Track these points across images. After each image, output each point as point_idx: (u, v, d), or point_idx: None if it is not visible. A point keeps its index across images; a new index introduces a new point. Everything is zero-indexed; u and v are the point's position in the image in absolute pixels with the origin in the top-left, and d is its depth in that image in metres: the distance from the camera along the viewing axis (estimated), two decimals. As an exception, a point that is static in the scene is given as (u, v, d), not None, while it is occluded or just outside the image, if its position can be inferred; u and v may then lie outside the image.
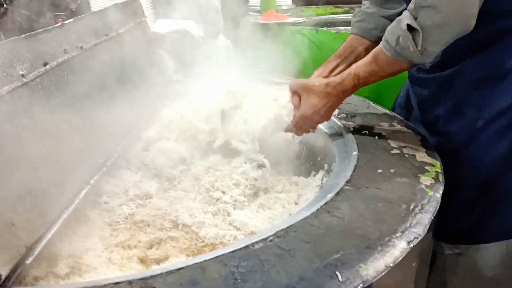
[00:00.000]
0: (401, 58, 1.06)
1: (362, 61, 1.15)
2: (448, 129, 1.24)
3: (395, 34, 1.05)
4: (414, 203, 0.91)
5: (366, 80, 1.14)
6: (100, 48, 1.24)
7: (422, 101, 1.34)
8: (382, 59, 1.10)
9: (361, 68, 1.14)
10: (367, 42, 1.32)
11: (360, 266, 0.73)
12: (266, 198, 1.16)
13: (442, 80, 1.24)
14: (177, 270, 0.73)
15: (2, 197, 0.77)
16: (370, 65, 1.12)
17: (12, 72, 0.87)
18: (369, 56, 1.13)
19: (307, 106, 1.20)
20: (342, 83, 1.16)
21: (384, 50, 1.08)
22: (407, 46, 1.03)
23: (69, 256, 0.91)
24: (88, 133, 1.09)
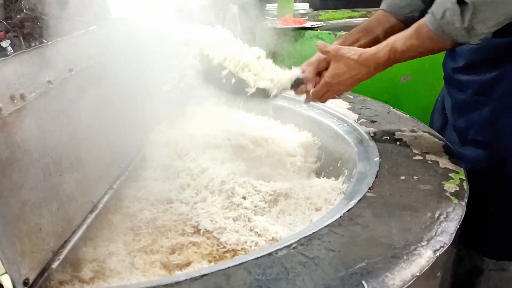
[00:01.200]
0: (444, 34, 0.99)
1: (402, 33, 1.07)
2: (484, 139, 1.17)
3: (442, 7, 0.97)
4: (439, 211, 0.90)
5: (403, 54, 1.07)
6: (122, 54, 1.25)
7: (457, 106, 1.27)
8: (424, 33, 1.02)
9: (400, 41, 1.06)
10: (394, 20, 1.24)
11: (386, 276, 0.72)
12: (287, 204, 1.16)
13: (481, 84, 1.17)
14: (201, 277, 0.73)
15: (29, 202, 0.78)
16: (410, 39, 1.05)
17: (39, 78, 0.88)
18: (411, 28, 1.06)
19: (334, 74, 1.15)
20: (376, 55, 1.09)
21: (428, 23, 1.00)
22: (452, 21, 0.95)
23: (93, 260, 0.92)
24: (110, 138, 1.10)
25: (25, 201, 0.77)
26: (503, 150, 1.15)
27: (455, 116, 1.27)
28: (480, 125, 1.18)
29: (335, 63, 1.14)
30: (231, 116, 1.67)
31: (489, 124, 1.15)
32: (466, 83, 1.20)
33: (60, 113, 0.92)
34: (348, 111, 1.49)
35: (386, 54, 1.08)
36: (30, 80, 0.85)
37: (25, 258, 0.75)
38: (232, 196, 1.13)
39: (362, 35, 1.24)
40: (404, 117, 1.42)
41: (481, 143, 1.17)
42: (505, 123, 1.13)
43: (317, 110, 1.56)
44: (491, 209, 1.17)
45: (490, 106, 1.15)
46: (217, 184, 1.15)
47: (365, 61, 1.10)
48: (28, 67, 0.85)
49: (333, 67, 1.15)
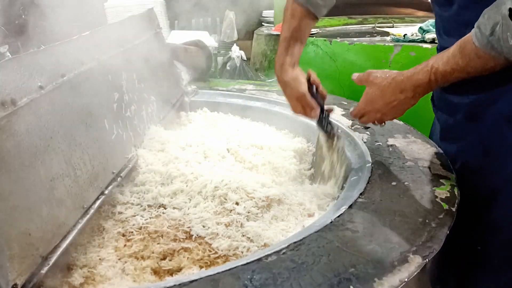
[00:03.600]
0: (494, 52, 0.85)
1: (445, 52, 0.94)
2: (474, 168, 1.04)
3: (491, 20, 0.83)
4: (429, 217, 0.90)
5: (446, 76, 0.93)
6: (117, 59, 1.26)
7: (446, 131, 1.15)
8: (470, 50, 0.88)
9: (442, 60, 0.93)
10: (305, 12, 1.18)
11: (375, 281, 0.72)
12: (279, 209, 1.16)
13: (472, 107, 1.03)
14: (190, 283, 0.73)
15: (19, 207, 0.78)
16: (453, 57, 0.91)
17: (31, 84, 0.88)
18: (454, 46, 0.92)
19: (367, 100, 1.06)
20: (413, 77, 0.96)
21: (475, 39, 0.87)
22: (505, 37, 0.81)
23: (83, 266, 0.92)
24: (103, 143, 1.10)
25: (15, 206, 0.77)
26: (496, 180, 1.02)
27: (444, 142, 1.17)
28: (471, 153, 1.06)
29: (369, 88, 1.06)
30: (225, 122, 1.67)
31: (480, 152, 1.04)
32: (455, 105, 1.09)
33: (51, 118, 0.92)
34: (342, 117, 1.50)
35: (425, 76, 0.95)
36: (21, 86, 0.85)
37: (13, 263, 0.75)
38: (225, 202, 1.13)
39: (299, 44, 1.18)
40: (398, 123, 1.42)
41: (471, 172, 1.06)
42: (498, 151, 1.00)
43: (312, 116, 1.56)
44: (478, 247, 1.05)
45: (481, 132, 1.03)
46: (210, 190, 1.15)
47: (400, 85, 0.98)
48: (19, 73, 0.86)
49: (366, 93, 1.07)
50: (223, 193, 1.14)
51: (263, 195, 1.15)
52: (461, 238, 1.00)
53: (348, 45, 2.18)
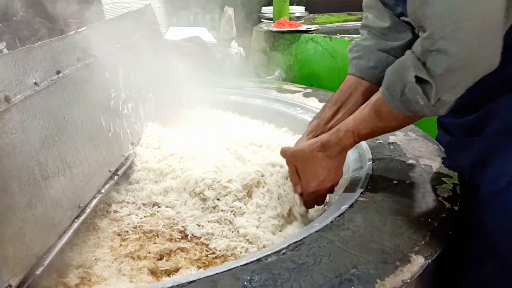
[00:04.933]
0: (408, 111, 0.87)
1: (360, 114, 0.96)
2: (475, 183, 1.00)
3: (399, 84, 0.86)
4: (431, 216, 0.88)
5: (369, 136, 0.98)
6: (113, 56, 1.24)
7: (448, 148, 1.14)
8: (386, 112, 0.90)
9: (361, 124, 0.95)
10: (367, 84, 1.10)
11: (377, 282, 0.71)
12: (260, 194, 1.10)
13: (469, 127, 1.03)
14: (188, 283, 0.71)
15: (13, 206, 0.76)
16: (371, 120, 0.94)
17: (26, 80, 0.87)
18: (368, 108, 0.94)
19: (309, 179, 1.03)
20: (340, 142, 0.98)
21: (387, 101, 0.89)
22: (415, 99, 0.84)
23: (79, 266, 0.91)
24: (99, 141, 1.08)
25: (9, 206, 0.75)
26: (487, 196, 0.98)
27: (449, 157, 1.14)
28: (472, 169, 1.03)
29: (303, 167, 1.03)
30: (224, 119, 1.65)
31: (480, 167, 1.00)
32: (453, 126, 1.09)
33: (46, 116, 0.90)
34: (342, 114, 1.48)
35: (350, 139, 0.98)
36: (15, 82, 0.84)
37: (7, 263, 0.74)
38: (205, 200, 1.09)
39: (336, 109, 1.10)
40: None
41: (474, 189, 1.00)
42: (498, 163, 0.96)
43: (312, 114, 1.55)
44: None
45: (482, 146, 1.00)
46: (192, 186, 1.11)
47: (332, 152, 1.00)
48: (13, 69, 0.84)
49: (303, 172, 1.03)
50: (201, 190, 1.10)
51: (239, 184, 1.10)
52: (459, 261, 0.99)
53: (348, 41, 2.16)
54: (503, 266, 0.95)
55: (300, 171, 1.04)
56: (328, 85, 2.11)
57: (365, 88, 1.09)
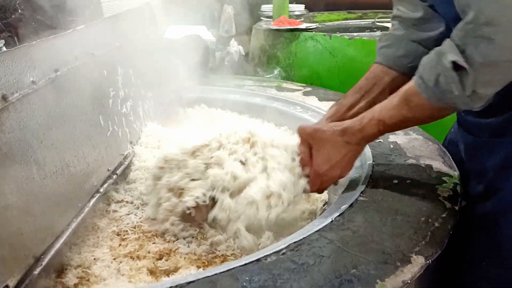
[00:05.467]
0: (440, 102, 0.83)
1: (389, 102, 0.90)
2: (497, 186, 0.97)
3: (433, 72, 0.81)
4: (432, 216, 0.88)
5: (394, 127, 0.92)
6: (112, 54, 1.23)
7: (469, 149, 1.07)
8: (416, 102, 0.85)
9: (387, 113, 0.90)
10: (394, 73, 1.06)
11: (377, 282, 0.70)
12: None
13: (496, 127, 0.97)
14: (187, 284, 0.71)
15: (10, 206, 0.76)
16: (399, 109, 0.88)
17: (23, 79, 0.86)
18: (398, 97, 0.89)
19: (321, 161, 0.98)
20: (363, 130, 0.93)
21: (419, 90, 0.84)
22: (450, 89, 0.79)
23: (78, 266, 0.90)
24: (98, 140, 1.07)
25: (6, 206, 0.75)
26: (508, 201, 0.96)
27: (468, 161, 1.08)
28: (496, 172, 0.98)
29: (318, 147, 0.98)
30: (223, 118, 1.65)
31: (504, 168, 0.96)
32: (478, 127, 1.02)
33: (44, 114, 0.89)
34: (342, 113, 1.47)
35: (374, 129, 0.92)
36: (13, 81, 0.83)
37: (5, 263, 0.73)
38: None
39: (359, 97, 1.06)
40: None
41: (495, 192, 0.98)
42: None
43: (311, 113, 1.55)
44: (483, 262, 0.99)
45: (508, 148, 0.96)
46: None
47: (352, 139, 0.95)
48: (10, 67, 0.83)
49: (317, 153, 0.98)
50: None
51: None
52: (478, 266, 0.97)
53: (348, 40, 2.15)
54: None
55: (314, 151, 0.99)
56: (328, 84, 2.10)
57: (392, 78, 1.05)
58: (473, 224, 1.00)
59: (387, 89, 1.03)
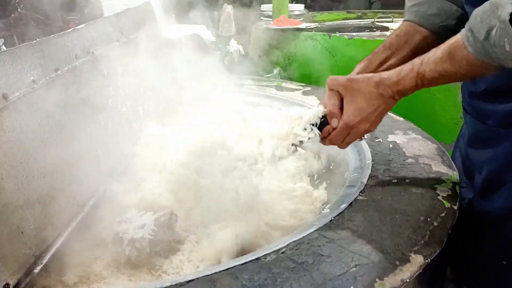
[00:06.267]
0: (488, 58, 0.78)
1: (431, 55, 0.86)
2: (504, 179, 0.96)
3: (486, 24, 0.76)
4: (431, 216, 0.88)
5: (433, 81, 0.87)
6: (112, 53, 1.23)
7: (475, 137, 1.06)
8: (461, 56, 0.81)
9: (429, 66, 0.85)
10: (426, 32, 1.02)
11: (376, 281, 0.71)
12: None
13: (504, 115, 0.95)
14: (187, 283, 0.71)
15: (11, 204, 0.76)
16: (442, 62, 0.84)
17: (24, 78, 0.86)
18: (442, 50, 0.84)
19: (353, 112, 0.94)
20: (400, 82, 0.89)
21: (466, 43, 0.79)
22: (502, 43, 0.74)
23: (77, 265, 0.90)
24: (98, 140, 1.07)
25: (6, 204, 0.75)
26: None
27: (473, 148, 1.07)
28: (500, 161, 0.97)
29: (352, 97, 0.94)
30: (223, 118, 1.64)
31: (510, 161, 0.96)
32: (486, 112, 1.00)
33: (45, 113, 0.90)
34: (341, 113, 1.48)
35: (412, 82, 0.88)
36: (13, 80, 0.83)
37: (5, 262, 0.73)
38: None
39: (389, 53, 1.02)
40: (398, 119, 1.41)
41: (498, 182, 0.97)
42: None
43: (310, 112, 1.54)
44: (504, 261, 0.99)
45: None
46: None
47: (387, 91, 0.91)
48: (11, 66, 0.83)
49: (349, 103, 0.94)
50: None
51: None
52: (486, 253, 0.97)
53: (347, 40, 2.16)
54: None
55: (346, 101, 0.95)
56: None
57: (423, 37, 1.02)
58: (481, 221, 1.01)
59: (418, 48, 1.00)
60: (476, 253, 1.03)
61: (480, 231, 1.02)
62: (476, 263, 1.05)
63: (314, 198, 1.20)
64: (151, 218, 0.94)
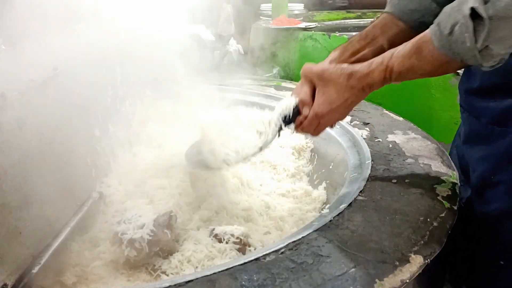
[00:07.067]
0: (451, 54, 0.80)
1: (401, 48, 0.88)
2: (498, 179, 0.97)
3: (452, 19, 0.78)
4: (430, 216, 0.88)
5: (400, 76, 0.89)
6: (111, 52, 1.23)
7: (470, 134, 1.07)
8: (428, 51, 0.83)
9: (398, 60, 0.88)
10: (403, 25, 1.03)
11: (376, 282, 0.70)
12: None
13: (498, 112, 0.97)
14: (186, 283, 0.71)
15: (8, 205, 0.76)
16: (409, 57, 0.86)
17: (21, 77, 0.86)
18: (411, 44, 0.86)
19: (323, 102, 0.96)
20: (369, 75, 0.91)
21: (433, 38, 0.82)
22: (463, 38, 0.77)
23: (76, 264, 0.90)
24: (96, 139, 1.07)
25: (4, 204, 0.75)
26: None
27: (468, 145, 1.08)
28: (494, 161, 0.98)
29: (323, 88, 0.97)
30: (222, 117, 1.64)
31: (504, 161, 0.96)
32: (481, 109, 1.02)
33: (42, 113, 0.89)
34: (341, 112, 1.47)
35: (380, 75, 0.90)
36: (11, 79, 0.83)
37: (3, 262, 0.73)
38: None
39: (364, 43, 1.03)
40: (397, 119, 1.40)
41: (494, 184, 0.98)
42: None
43: (310, 112, 1.54)
44: (502, 261, 1.00)
45: (507, 140, 0.96)
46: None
47: (357, 84, 0.93)
48: (9, 65, 0.83)
49: (321, 94, 0.97)
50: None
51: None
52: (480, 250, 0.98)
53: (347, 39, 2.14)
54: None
55: (318, 91, 0.98)
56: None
57: (400, 30, 1.03)
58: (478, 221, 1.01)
59: (394, 40, 1.01)
60: (474, 253, 1.04)
61: (477, 231, 1.02)
62: (474, 263, 1.05)
63: (314, 198, 1.20)
64: (150, 218, 0.94)
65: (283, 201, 1.19)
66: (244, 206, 1.11)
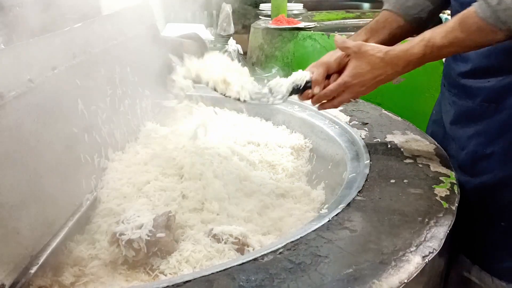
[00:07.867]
0: (499, 23, 0.83)
1: (442, 25, 0.92)
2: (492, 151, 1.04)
3: None
4: (429, 216, 0.88)
5: (442, 50, 0.92)
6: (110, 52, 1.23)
7: (462, 114, 1.14)
8: (472, 23, 0.87)
9: (439, 34, 0.91)
10: (402, 21, 1.12)
11: (374, 282, 0.70)
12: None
13: (492, 91, 1.03)
14: (184, 283, 0.71)
15: (6, 204, 0.75)
16: (452, 31, 0.89)
17: (20, 77, 0.86)
18: (453, 20, 0.90)
19: (354, 73, 1.00)
20: (408, 51, 0.94)
21: (479, 10, 0.85)
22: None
23: (74, 264, 0.90)
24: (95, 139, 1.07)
25: (2, 204, 0.75)
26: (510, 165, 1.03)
27: (458, 126, 1.15)
28: (488, 135, 1.05)
29: (357, 61, 1.00)
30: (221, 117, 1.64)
31: (498, 134, 1.03)
32: (475, 90, 1.08)
33: (41, 112, 0.89)
34: (340, 113, 1.47)
35: (420, 50, 0.93)
36: (9, 79, 0.82)
37: (1, 262, 0.73)
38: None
39: (369, 36, 1.12)
40: (396, 119, 1.40)
41: (488, 155, 1.06)
42: None
43: (309, 112, 1.54)
44: (502, 223, 1.06)
45: (502, 115, 1.02)
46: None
47: (393, 60, 0.97)
48: (7, 65, 0.83)
49: (353, 66, 1.01)
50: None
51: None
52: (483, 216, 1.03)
53: (346, 39, 2.15)
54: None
55: (351, 62, 1.02)
56: (326, 83, 2.10)
57: (399, 25, 1.12)
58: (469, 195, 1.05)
59: (395, 34, 1.11)
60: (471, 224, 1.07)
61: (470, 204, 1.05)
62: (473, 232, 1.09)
63: (312, 198, 1.20)
64: (149, 218, 0.94)
65: (281, 201, 1.19)
66: (243, 206, 1.10)
